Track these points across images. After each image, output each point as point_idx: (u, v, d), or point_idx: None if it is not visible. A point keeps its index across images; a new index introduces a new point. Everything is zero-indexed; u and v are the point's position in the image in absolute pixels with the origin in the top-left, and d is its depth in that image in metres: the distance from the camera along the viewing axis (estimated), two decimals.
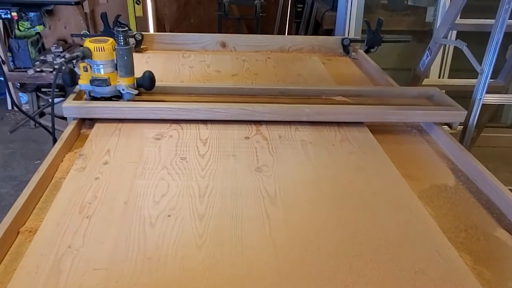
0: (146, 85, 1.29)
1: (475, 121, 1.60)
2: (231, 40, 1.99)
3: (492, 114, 2.31)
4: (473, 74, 1.63)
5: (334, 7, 3.16)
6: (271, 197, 0.93)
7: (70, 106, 1.21)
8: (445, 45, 2.39)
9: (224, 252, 0.77)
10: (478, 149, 2.20)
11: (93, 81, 1.22)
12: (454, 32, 2.53)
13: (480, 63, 1.58)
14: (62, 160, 1.06)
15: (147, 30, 3.92)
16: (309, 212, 0.89)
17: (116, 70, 1.23)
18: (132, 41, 1.88)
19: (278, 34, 4.07)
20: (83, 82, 1.24)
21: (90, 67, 1.21)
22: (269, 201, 0.91)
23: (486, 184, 1.01)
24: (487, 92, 1.58)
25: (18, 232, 0.82)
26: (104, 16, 1.79)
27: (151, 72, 1.29)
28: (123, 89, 1.24)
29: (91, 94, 1.26)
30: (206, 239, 0.80)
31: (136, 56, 1.87)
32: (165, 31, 4.07)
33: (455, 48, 2.60)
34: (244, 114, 1.24)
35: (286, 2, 4.04)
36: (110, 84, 1.23)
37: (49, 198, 0.92)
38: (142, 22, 3.88)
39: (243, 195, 0.93)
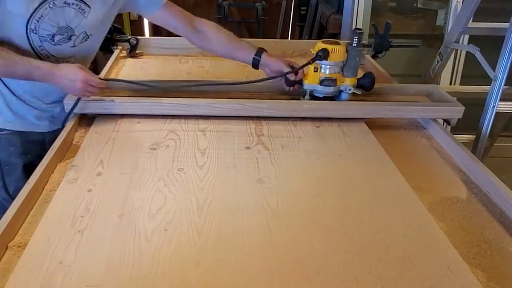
0: (367, 86, 1.37)
1: (488, 130, 1.61)
2: None
3: (507, 123, 2.31)
4: (486, 80, 1.64)
5: (339, 10, 3.17)
6: (273, 210, 0.93)
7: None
8: (456, 50, 2.40)
9: (224, 268, 0.78)
10: (492, 159, 2.20)
11: (323, 81, 1.32)
12: (466, 36, 2.54)
13: (494, 69, 1.59)
14: (53, 171, 1.07)
15: (143, 34, 3.95)
16: (314, 226, 0.89)
17: (341, 71, 1.33)
18: (126, 45, 1.90)
19: (280, 38, 4.09)
20: (309, 82, 1.35)
21: (320, 67, 1.32)
22: (271, 214, 0.92)
23: (500, 196, 1.02)
24: (501, 100, 1.59)
25: (7, 247, 0.82)
26: None
27: (372, 73, 1.39)
28: (349, 89, 1.34)
29: (312, 94, 1.36)
30: (205, 254, 0.80)
31: (130, 61, 1.89)
32: (161, 35, 4.08)
33: (467, 53, 2.62)
34: (243, 109, 1.29)
35: (289, 5, 4.07)
36: (336, 84, 1.33)
37: (39, 212, 0.92)
38: (137, 26, 3.91)
39: (243, 208, 0.93)
